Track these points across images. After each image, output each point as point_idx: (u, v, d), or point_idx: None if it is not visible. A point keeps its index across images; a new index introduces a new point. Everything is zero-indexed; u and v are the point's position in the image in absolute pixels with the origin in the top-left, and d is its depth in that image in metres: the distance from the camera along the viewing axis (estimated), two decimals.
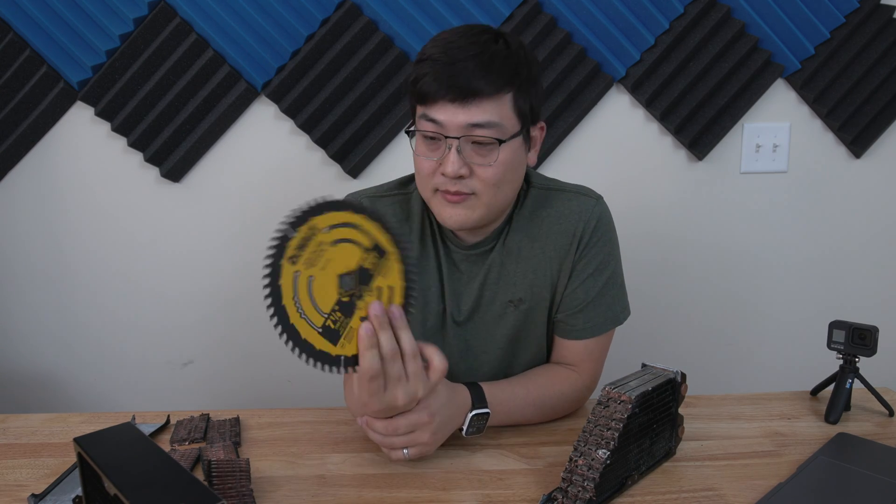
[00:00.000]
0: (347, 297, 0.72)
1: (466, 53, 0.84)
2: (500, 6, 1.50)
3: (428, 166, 0.89)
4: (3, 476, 0.84)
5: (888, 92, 1.61)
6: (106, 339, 1.68)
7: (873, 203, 1.68)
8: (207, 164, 1.59)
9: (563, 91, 1.55)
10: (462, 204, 0.89)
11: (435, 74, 0.84)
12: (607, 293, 0.99)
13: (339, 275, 0.72)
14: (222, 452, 0.87)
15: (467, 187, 0.88)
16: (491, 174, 0.87)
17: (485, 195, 0.89)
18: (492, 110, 0.85)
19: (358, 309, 0.73)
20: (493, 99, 0.85)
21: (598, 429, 0.75)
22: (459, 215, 0.90)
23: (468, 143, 0.86)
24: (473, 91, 0.84)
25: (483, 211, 0.90)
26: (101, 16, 1.48)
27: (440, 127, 0.86)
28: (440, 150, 0.87)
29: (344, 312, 0.72)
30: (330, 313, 0.72)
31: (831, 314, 1.14)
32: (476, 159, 0.87)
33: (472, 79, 0.83)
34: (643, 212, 1.65)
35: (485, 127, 0.85)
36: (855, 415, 0.99)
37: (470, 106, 0.84)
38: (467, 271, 1.00)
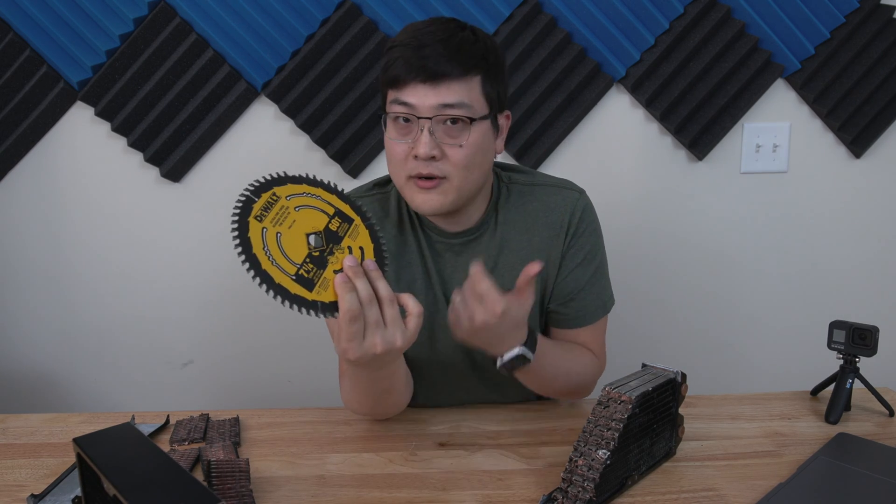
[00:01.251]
0: (318, 252, 0.75)
1: (435, 38, 0.87)
2: (500, 6, 1.50)
3: (400, 151, 0.90)
4: (3, 476, 0.84)
5: (888, 92, 1.61)
6: (106, 339, 1.68)
7: (873, 203, 1.68)
8: (207, 164, 1.59)
9: (563, 91, 1.55)
10: (435, 189, 0.90)
11: (405, 58, 0.86)
12: (596, 282, 1.02)
13: (306, 233, 0.75)
14: (222, 452, 0.87)
15: (439, 170, 0.89)
16: (462, 155, 0.89)
17: (455, 178, 0.90)
18: (461, 91, 0.87)
19: (330, 263, 0.75)
20: (462, 80, 0.87)
21: (599, 429, 0.75)
22: (433, 201, 0.91)
23: (439, 124, 0.88)
24: (443, 72, 0.86)
25: (454, 195, 0.92)
26: (101, 16, 1.48)
27: (412, 108, 0.87)
28: (412, 133, 0.89)
29: (316, 264, 0.74)
30: (302, 264, 0.73)
31: (831, 314, 1.14)
32: (447, 140, 0.88)
33: (441, 61, 0.86)
34: (643, 211, 1.65)
35: (455, 107, 0.87)
36: (855, 415, 0.99)
37: (440, 87, 0.86)
38: (453, 260, 1.01)
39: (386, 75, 0.89)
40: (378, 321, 0.74)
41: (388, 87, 0.90)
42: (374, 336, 0.74)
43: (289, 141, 1.58)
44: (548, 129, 1.58)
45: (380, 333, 0.74)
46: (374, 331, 0.74)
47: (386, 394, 0.91)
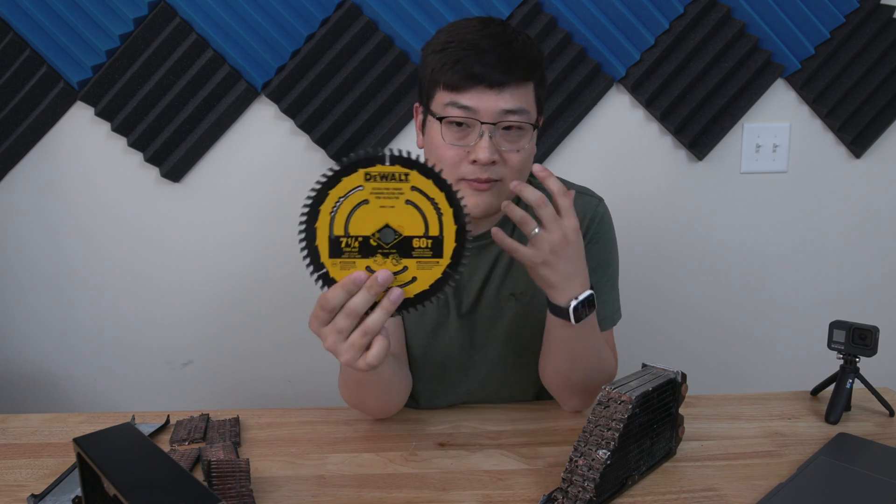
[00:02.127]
0: (375, 242, 0.70)
1: (495, 42, 0.86)
2: (500, 6, 1.50)
3: (454, 155, 0.89)
4: (3, 476, 0.84)
5: (888, 92, 1.61)
6: (106, 339, 1.68)
7: (873, 203, 1.68)
8: (207, 164, 1.59)
9: (563, 91, 1.55)
10: (489, 191, 0.90)
11: (466, 62, 0.85)
12: (606, 292, 1.01)
13: (387, 224, 0.70)
14: (222, 452, 0.87)
15: (496, 174, 0.89)
16: (518, 160, 0.89)
17: (510, 181, 0.89)
18: (521, 98, 0.87)
19: (373, 259, 0.70)
20: (521, 87, 0.87)
21: (599, 429, 0.75)
22: (486, 202, 0.90)
23: (498, 129, 0.87)
24: (507, 79, 0.85)
25: (504, 197, 0.91)
26: (101, 16, 1.48)
27: (473, 113, 0.86)
28: (469, 137, 0.88)
29: (361, 249, 0.70)
30: (348, 236, 0.69)
31: (831, 314, 1.14)
32: (505, 145, 0.88)
33: (504, 66, 0.85)
34: (643, 212, 1.65)
35: (517, 113, 0.87)
36: (855, 415, 0.99)
37: (503, 92, 0.86)
38: (470, 262, 1.00)
39: (442, 77, 0.87)
40: (342, 331, 0.70)
41: (442, 89, 0.88)
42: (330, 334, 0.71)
43: (289, 141, 1.58)
44: (548, 129, 1.58)
45: (333, 338, 0.70)
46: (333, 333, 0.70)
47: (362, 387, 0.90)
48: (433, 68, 0.89)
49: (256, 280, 1.65)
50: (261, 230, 1.62)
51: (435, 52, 0.89)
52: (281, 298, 1.66)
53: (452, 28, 0.90)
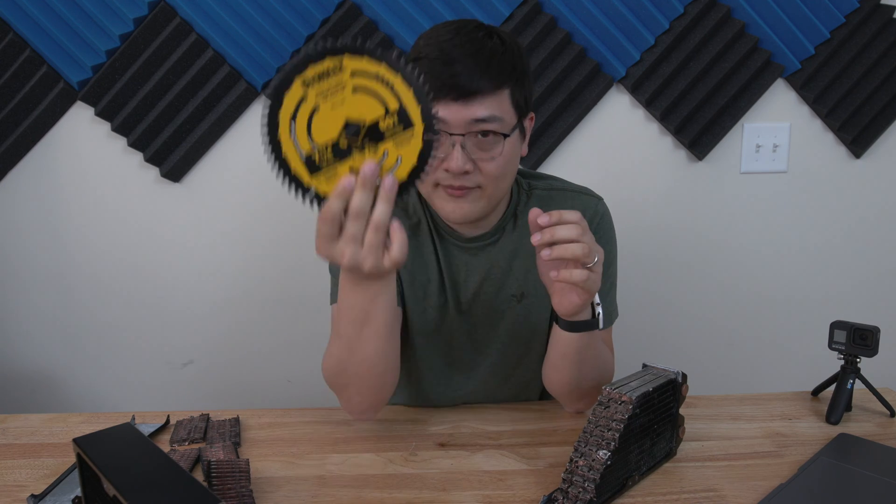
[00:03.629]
0: (346, 143, 0.67)
1: (465, 51, 0.85)
2: (500, 6, 1.50)
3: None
4: (3, 476, 0.84)
5: (888, 92, 1.61)
6: (106, 339, 1.68)
7: (873, 203, 1.68)
8: (207, 164, 1.58)
9: (563, 91, 1.55)
10: (465, 198, 0.90)
11: (434, 74, 0.84)
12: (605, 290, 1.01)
13: (347, 119, 0.67)
14: (222, 453, 0.87)
15: (471, 181, 0.88)
16: (494, 167, 0.88)
17: (488, 188, 0.90)
18: (493, 105, 0.86)
19: (351, 158, 0.68)
20: (493, 95, 0.86)
21: (599, 429, 0.75)
22: (463, 209, 0.90)
23: (471, 138, 0.87)
24: (475, 88, 0.84)
25: (485, 203, 0.91)
26: (101, 16, 1.48)
27: (443, 125, 0.86)
28: (443, 147, 0.88)
29: (335, 154, 0.67)
30: (319, 149, 0.67)
31: (832, 314, 1.14)
32: (479, 154, 0.88)
33: (473, 77, 0.84)
34: (643, 212, 1.65)
35: (488, 121, 0.86)
36: (856, 415, 0.99)
37: (472, 103, 0.85)
38: (468, 263, 1.00)
39: None
40: (355, 237, 0.68)
41: None
42: (345, 247, 0.69)
43: None
44: (548, 129, 1.58)
45: (351, 249, 0.69)
46: (348, 244, 0.69)
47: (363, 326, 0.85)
48: None
49: (257, 280, 1.65)
50: (261, 230, 1.62)
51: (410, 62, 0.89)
52: (281, 298, 1.66)
53: (428, 36, 0.89)
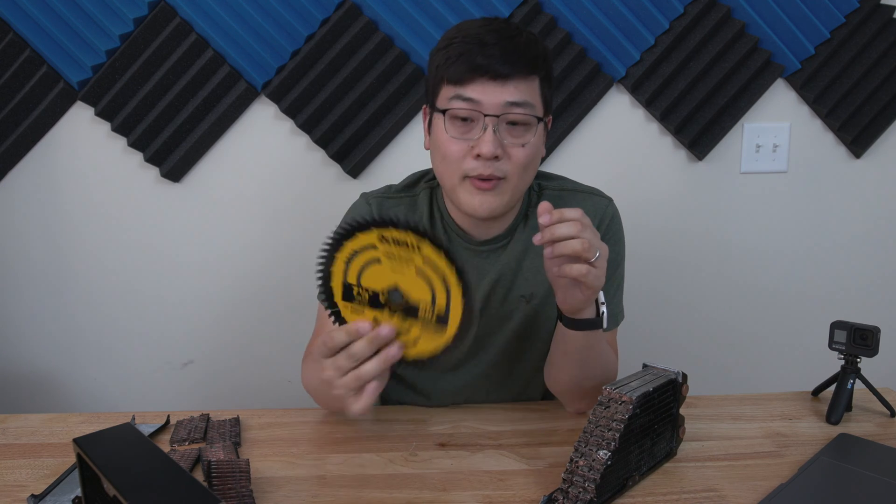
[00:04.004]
0: (384, 300, 0.71)
1: (500, 36, 0.86)
2: (500, 6, 1.50)
3: (457, 150, 0.88)
4: (3, 476, 0.84)
5: (888, 92, 1.61)
6: (106, 339, 1.67)
7: (873, 203, 1.68)
8: (207, 164, 1.58)
9: (563, 91, 1.55)
10: (492, 191, 0.89)
11: (470, 55, 0.85)
12: (612, 292, 1.01)
13: (397, 285, 0.71)
14: (222, 453, 0.87)
15: (499, 170, 0.88)
16: (523, 155, 0.88)
17: (513, 178, 0.89)
18: (525, 91, 0.86)
19: (380, 312, 0.72)
20: (526, 80, 0.86)
21: (599, 429, 0.75)
22: (490, 203, 0.90)
23: (503, 123, 0.87)
24: (510, 71, 0.85)
25: (509, 196, 0.91)
26: (101, 16, 1.48)
27: (478, 105, 0.85)
28: (473, 132, 0.87)
29: (370, 300, 0.71)
30: (361, 287, 0.71)
31: (832, 314, 1.14)
32: (510, 139, 0.87)
33: (509, 58, 0.85)
34: (643, 212, 1.64)
35: (521, 106, 0.86)
36: (856, 415, 0.99)
37: (507, 85, 0.85)
38: (479, 267, 1.00)
39: (446, 72, 0.87)
40: (340, 368, 0.71)
41: (447, 84, 0.88)
42: (328, 368, 0.73)
43: (289, 141, 1.58)
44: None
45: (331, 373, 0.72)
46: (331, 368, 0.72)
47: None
48: (438, 64, 0.89)
49: (257, 280, 1.65)
50: (261, 230, 1.62)
51: (440, 50, 0.89)
52: (281, 298, 1.66)
53: (457, 27, 0.91)
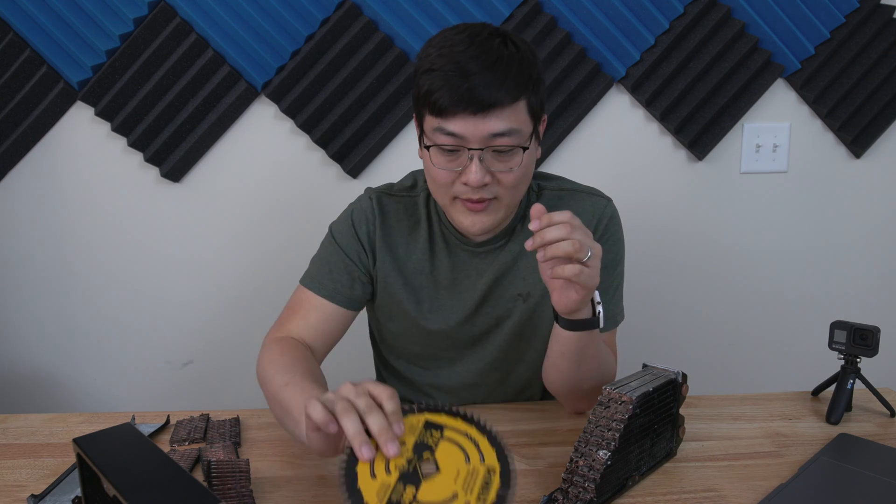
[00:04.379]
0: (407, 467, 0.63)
1: (482, 64, 0.82)
2: (500, 6, 1.50)
3: (446, 176, 0.88)
4: (3, 476, 0.84)
5: (888, 92, 1.60)
6: (106, 339, 1.67)
7: (873, 203, 1.68)
8: (207, 164, 1.58)
9: (563, 91, 1.55)
10: (484, 211, 0.90)
11: (451, 87, 0.82)
12: (612, 292, 1.01)
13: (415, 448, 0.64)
14: (222, 453, 0.87)
15: (490, 192, 0.88)
16: (512, 179, 0.88)
17: (505, 197, 0.90)
18: (510, 118, 0.84)
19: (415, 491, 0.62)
20: (511, 107, 0.84)
21: (599, 429, 0.75)
22: (483, 222, 0.90)
23: (488, 153, 0.86)
24: (493, 102, 0.83)
25: (503, 213, 0.92)
26: (101, 16, 1.48)
27: (461, 140, 0.85)
28: (459, 161, 0.86)
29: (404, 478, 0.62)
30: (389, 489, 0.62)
31: (832, 314, 1.14)
32: (497, 166, 0.87)
33: (491, 90, 0.82)
34: (643, 212, 1.64)
35: (505, 135, 0.85)
36: (856, 415, 0.99)
37: (490, 117, 0.83)
38: (477, 267, 1.01)
39: (428, 102, 0.85)
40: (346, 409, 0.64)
41: (429, 114, 0.86)
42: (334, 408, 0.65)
43: (289, 141, 1.58)
44: (548, 130, 1.58)
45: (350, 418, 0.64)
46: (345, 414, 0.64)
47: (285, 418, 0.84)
48: (421, 90, 0.86)
49: (257, 280, 1.65)
50: (261, 230, 1.62)
51: (423, 73, 0.87)
52: (281, 298, 1.65)
53: (440, 45, 0.86)
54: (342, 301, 0.99)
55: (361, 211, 1.01)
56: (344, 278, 0.99)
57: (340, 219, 1.04)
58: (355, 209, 1.02)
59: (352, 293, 1.00)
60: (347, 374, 1.55)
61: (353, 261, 1.00)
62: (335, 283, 0.99)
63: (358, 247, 1.00)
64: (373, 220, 1.00)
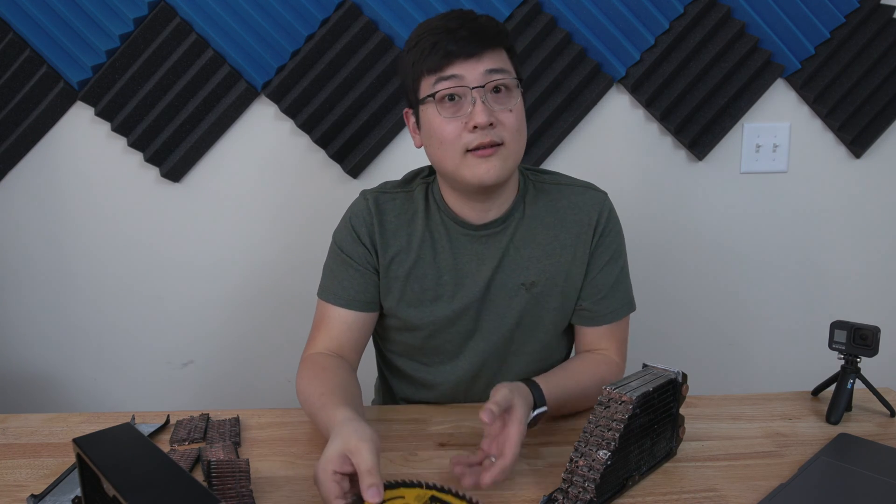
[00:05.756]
0: None
1: (462, 21, 0.91)
2: (500, 6, 1.50)
3: (452, 130, 0.92)
4: (3, 476, 0.84)
5: (888, 92, 1.60)
6: (106, 339, 1.67)
7: (873, 203, 1.68)
8: (207, 164, 1.58)
9: (563, 91, 1.55)
10: (494, 156, 0.92)
11: (440, 44, 0.90)
12: (622, 280, 1.06)
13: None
14: (222, 452, 0.87)
15: (497, 136, 0.92)
16: (514, 119, 0.93)
17: (511, 142, 0.93)
18: (499, 60, 0.92)
19: None
20: (496, 52, 0.92)
21: (599, 429, 0.75)
22: (496, 167, 0.93)
23: (488, 93, 0.91)
24: (481, 47, 0.90)
25: (512, 161, 0.95)
26: (101, 16, 1.48)
27: (462, 80, 0.90)
28: (463, 108, 0.91)
29: None
30: None
31: (832, 314, 1.14)
32: (498, 107, 0.92)
33: (477, 35, 0.90)
34: (643, 212, 1.64)
35: (500, 72, 0.91)
36: (856, 415, 0.99)
37: (483, 57, 0.90)
38: (478, 252, 1.02)
39: (423, 65, 0.92)
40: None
41: (426, 74, 0.93)
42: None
43: (289, 141, 1.58)
44: (548, 129, 1.58)
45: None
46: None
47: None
48: (413, 62, 0.94)
49: (256, 280, 1.65)
50: (261, 230, 1.62)
51: (409, 50, 0.95)
52: (281, 298, 1.66)
53: (418, 28, 0.95)
54: (359, 306, 1.02)
55: (359, 213, 1.04)
56: (356, 285, 1.02)
57: (340, 226, 1.06)
58: (353, 213, 1.05)
59: (366, 297, 1.02)
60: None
61: (361, 265, 1.02)
62: (347, 290, 1.02)
63: (362, 249, 1.02)
64: (370, 220, 1.03)
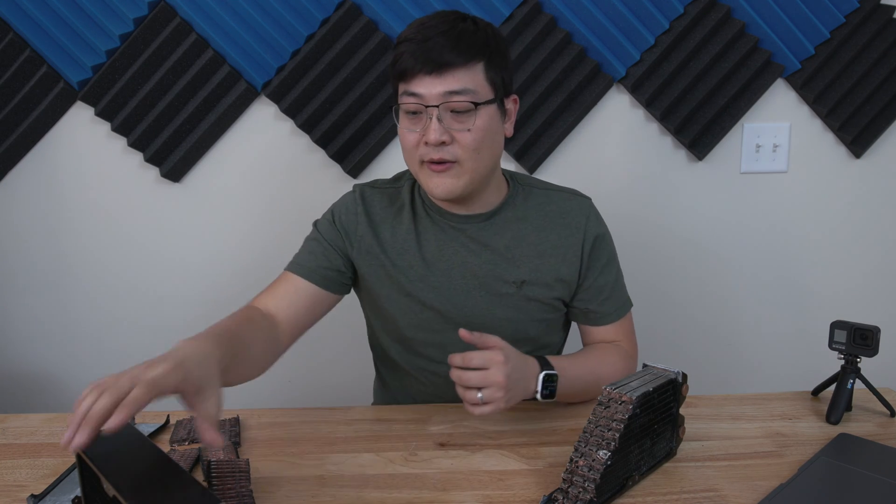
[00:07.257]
0: None
1: (438, 30, 0.92)
2: (500, 6, 1.50)
3: (412, 139, 0.95)
4: (3, 476, 0.84)
5: (888, 92, 1.60)
6: (105, 339, 1.67)
7: (873, 203, 1.68)
8: (207, 164, 1.58)
9: (563, 91, 1.55)
10: (447, 173, 0.95)
11: (411, 52, 0.91)
12: (619, 280, 1.10)
13: None
14: (222, 453, 0.87)
15: (450, 154, 0.94)
16: (470, 139, 0.93)
17: (467, 161, 0.95)
18: (465, 79, 0.92)
19: None
20: (465, 68, 0.92)
21: (599, 429, 0.75)
22: (445, 184, 0.96)
23: (447, 111, 0.92)
24: (447, 62, 0.91)
25: (467, 178, 0.96)
26: (101, 16, 1.48)
27: (420, 98, 0.92)
28: (422, 122, 0.94)
29: None
30: None
31: (832, 314, 1.14)
32: (455, 126, 0.93)
33: (444, 51, 0.91)
34: (643, 212, 1.64)
35: (460, 94, 0.92)
36: (856, 415, 0.99)
37: (445, 76, 0.91)
38: (464, 244, 1.04)
39: (395, 69, 0.95)
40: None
41: (397, 81, 0.96)
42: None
43: (289, 141, 1.58)
44: (548, 129, 1.58)
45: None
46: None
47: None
48: (391, 63, 0.97)
49: (256, 280, 1.64)
50: (260, 230, 1.62)
51: (394, 48, 0.97)
52: None
53: (411, 23, 0.97)
54: (314, 279, 1.04)
55: (343, 203, 1.09)
56: (318, 258, 1.05)
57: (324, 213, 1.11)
58: (338, 202, 1.10)
59: (324, 273, 1.05)
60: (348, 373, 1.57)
61: (329, 242, 1.06)
62: (308, 261, 1.06)
63: (335, 232, 1.06)
64: (354, 210, 1.06)
